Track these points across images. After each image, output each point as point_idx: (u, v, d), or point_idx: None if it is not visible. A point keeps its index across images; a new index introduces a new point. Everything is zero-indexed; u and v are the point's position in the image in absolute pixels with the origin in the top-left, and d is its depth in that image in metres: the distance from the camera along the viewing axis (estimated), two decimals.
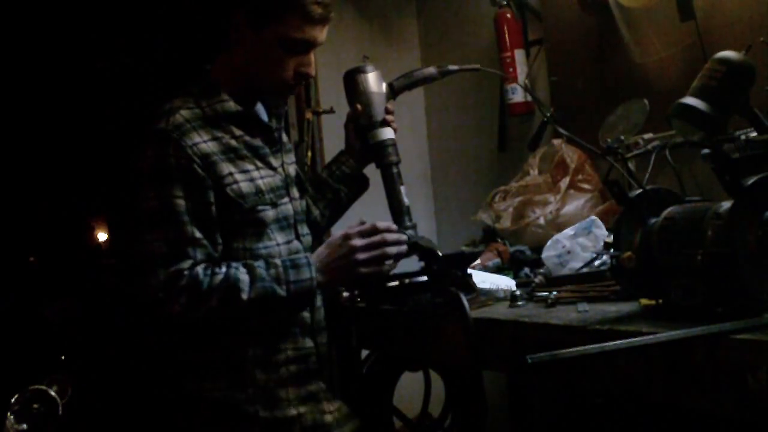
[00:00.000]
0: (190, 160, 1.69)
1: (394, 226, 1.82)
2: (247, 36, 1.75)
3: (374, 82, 2.02)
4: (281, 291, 1.68)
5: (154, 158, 1.70)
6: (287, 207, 1.86)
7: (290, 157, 1.96)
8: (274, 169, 1.86)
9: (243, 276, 1.68)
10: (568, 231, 2.04)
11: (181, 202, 1.69)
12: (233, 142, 1.79)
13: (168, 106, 1.77)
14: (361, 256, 1.74)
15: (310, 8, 1.73)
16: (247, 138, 1.82)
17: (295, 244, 1.86)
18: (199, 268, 1.68)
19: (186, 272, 1.66)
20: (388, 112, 2.02)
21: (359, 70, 2.03)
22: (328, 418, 1.82)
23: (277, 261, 1.73)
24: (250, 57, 1.78)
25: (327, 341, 1.91)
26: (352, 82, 2.03)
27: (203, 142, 1.73)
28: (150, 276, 1.66)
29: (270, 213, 1.80)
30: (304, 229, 1.92)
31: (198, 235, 1.70)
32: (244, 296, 1.66)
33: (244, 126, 1.82)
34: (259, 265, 1.71)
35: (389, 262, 1.78)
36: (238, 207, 1.74)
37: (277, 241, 1.81)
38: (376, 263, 1.75)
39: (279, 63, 1.77)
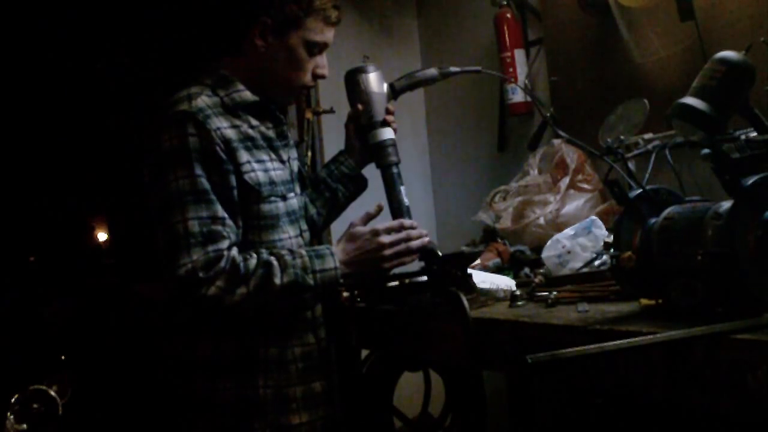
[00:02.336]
0: (213, 142, 1.70)
1: (416, 224, 1.85)
2: (272, 42, 1.79)
3: (375, 82, 2.03)
4: (309, 280, 1.70)
5: (179, 139, 1.70)
6: (294, 201, 1.88)
7: (294, 153, 1.97)
8: (283, 162, 1.88)
9: (274, 262, 1.69)
10: (568, 231, 2.04)
11: (207, 182, 1.69)
12: (251, 132, 1.80)
13: (186, 92, 1.77)
14: (388, 252, 1.79)
15: (330, 12, 1.81)
16: (262, 128, 1.84)
17: (300, 239, 1.88)
18: (235, 251, 1.68)
19: (225, 253, 1.66)
20: (388, 112, 2.03)
21: (361, 70, 2.03)
22: (319, 424, 1.84)
23: (302, 251, 1.74)
24: (274, 61, 1.81)
25: (325, 337, 1.92)
26: (354, 81, 2.04)
27: (225, 128, 1.74)
28: (186, 256, 1.65)
29: (281, 205, 1.82)
30: (304, 225, 1.93)
31: (226, 215, 1.70)
32: (277, 281, 1.67)
33: (260, 117, 1.84)
34: (285, 253, 1.72)
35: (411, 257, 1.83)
36: (257, 195, 1.76)
37: (289, 234, 1.83)
38: (399, 259, 1.80)
39: (302, 65, 1.82)
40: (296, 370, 1.81)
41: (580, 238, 1.99)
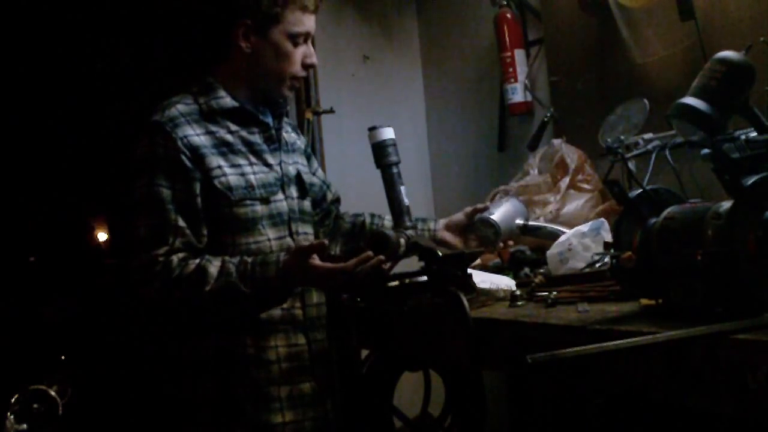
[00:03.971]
0: (178, 150, 1.77)
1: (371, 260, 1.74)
2: (255, 41, 1.84)
3: (514, 209, 2.19)
4: (244, 288, 1.72)
5: (146, 148, 1.79)
6: (281, 204, 1.89)
7: (292, 157, 1.98)
8: (269, 166, 1.90)
9: (212, 269, 1.73)
10: (581, 228, 2.03)
11: (167, 191, 1.76)
12: (228, 137, 1.85)
13: (166, 101, 1.85)
14: (332, 284, 1.76)
15: (307, 1, 1.84)
16: (243, 133, 1.87)
17: (287, 240, 1.89)
18: (175, 257, 1.74)
19: (161, 258, 1.73)
20: (504, 244, 2.13)
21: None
22: (308, 425, 1.87)
23: (249, 258, 1.76)
24: (261, 59, 1.85)
25: (324, 338, 1.94)
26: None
27: (195, 135, 1.80)
28: (133, 260, 1.75)
29: (259, 208, 1.84)
30: (300, 228, 1.94)
31: (181, 223, 1.77)
32: (207, 288, 1.72)
33: (242, 122, 1.87)
34: (233, 261, 1.75)
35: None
36: (226, 199, 1.80)
37: (269, 237, 1.86)
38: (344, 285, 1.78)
39: (289, 58, 1.85)
40: (279, 370, 1.83)
41: (586, 238, 1.99)
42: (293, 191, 1.94)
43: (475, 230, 2.13)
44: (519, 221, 2.15)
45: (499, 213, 2.13)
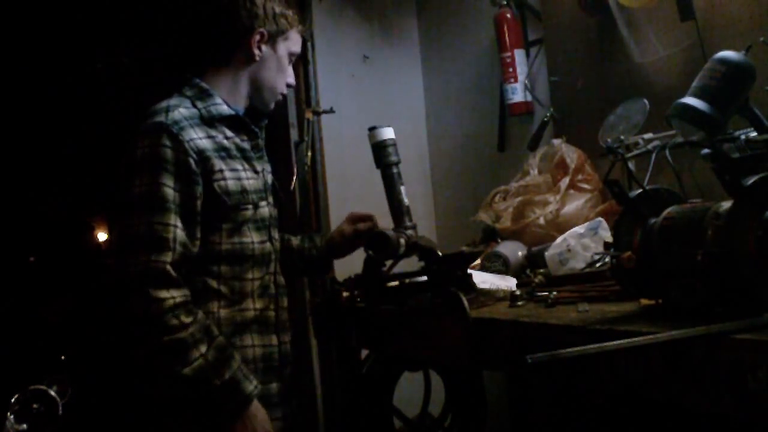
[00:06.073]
0: (186, 153, 1.77)
1: None
2: (266, 51, 1.92)
3: (515, 245, 2.31)
4: (215, 380, 1.71)
5: (150, 148, 1.76)
6: (265, 210, 1.94)
7: (268, 166, 2.04)
8: (257, 172, 1.94)
9: (202, 346, 1.70)
10: (578, 229, 2.03)
11: (171, 192, 1.75)
12: (225, 142, 1.87)
13: (165, 104, 1.84)
14: None
15: (302, 26, 1.99)
16: (237, 140, 1.91)
17: (268, 245, 1.93)
18: (171, 301, 1.69)
19: (168, 268, 1.69)
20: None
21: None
22: (276, 424, 1.88)
23: (239, 365, 1.76)
24: (265, 69, 1.94)
25: (290, 341, 1.97)
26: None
27: (199, 138, 1.81)
28: (129, 257, 1.70)
29: (249, 212, 1.87)
30: (275, 234, 1.99)
31: (180, 227, 1.75)
32: (185, 369, 1.69)
33: (235, 129, 1.91)
34: (227, 350, 1.74)
35: None
36: (222, 203, 1.82)
37: (253, 239, 1.89)
38: None
39: (285, 73, 1.97)
40: (255, 369, 1.85)
41: (585, 238, 1.99)
42: (270, 198, 2.00)
43: (484, 266, 2.24)
44: (521, 253, 2.26)
45: (505, 248, 2.28)
